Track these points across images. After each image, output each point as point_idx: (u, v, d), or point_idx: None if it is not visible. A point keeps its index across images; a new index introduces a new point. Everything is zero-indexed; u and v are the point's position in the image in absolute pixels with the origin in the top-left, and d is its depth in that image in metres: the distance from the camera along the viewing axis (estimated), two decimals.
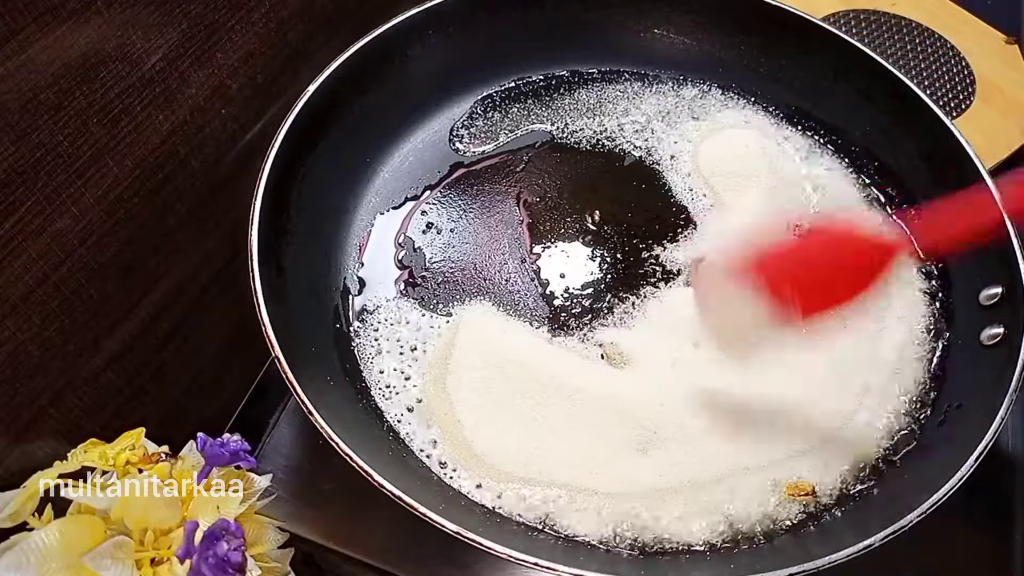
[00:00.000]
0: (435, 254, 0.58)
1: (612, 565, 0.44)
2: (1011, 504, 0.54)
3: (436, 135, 0.65)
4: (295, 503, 0.51)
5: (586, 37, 0.69)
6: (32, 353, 0.41)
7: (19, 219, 0.38)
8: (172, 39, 0.45)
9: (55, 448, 0.43)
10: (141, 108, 0.44)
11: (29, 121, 0.37)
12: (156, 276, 0.49)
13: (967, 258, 0.56)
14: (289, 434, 0.55)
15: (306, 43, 0.58)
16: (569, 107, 0.68)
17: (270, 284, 0.47)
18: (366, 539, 0.50)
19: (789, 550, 0.45)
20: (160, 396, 0.52)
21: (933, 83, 0.74)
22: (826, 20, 0.69)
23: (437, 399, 0.51)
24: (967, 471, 0.43)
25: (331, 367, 0.51)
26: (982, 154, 0.56)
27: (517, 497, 0.47)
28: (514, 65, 0.68)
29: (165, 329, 0.51)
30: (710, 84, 0.69)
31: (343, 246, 0.58)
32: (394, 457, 0.48)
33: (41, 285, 0.41)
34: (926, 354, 0.54)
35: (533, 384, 0.51)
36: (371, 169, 0.62)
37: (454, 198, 0.62)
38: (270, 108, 0.56)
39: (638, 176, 0.64)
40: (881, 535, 0.40)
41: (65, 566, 0.37)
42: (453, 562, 0.50)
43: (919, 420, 0.51)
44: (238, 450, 0.42)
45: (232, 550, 0.39)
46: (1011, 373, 0.46)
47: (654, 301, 0.56)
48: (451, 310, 0.55)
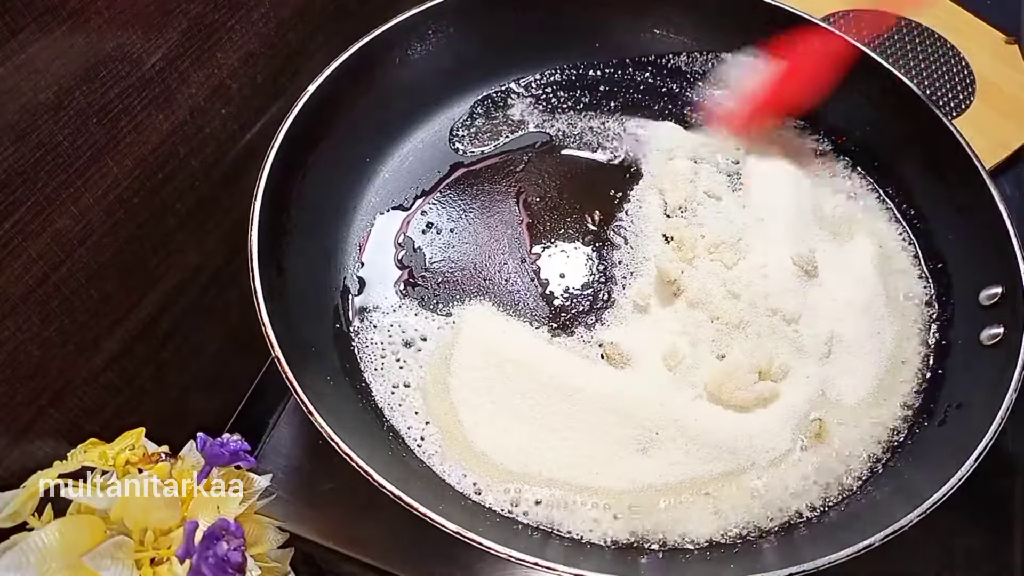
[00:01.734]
0: (435, 254, 0.58)
1: (612, 565, 0.44)
2: (1011, 504, 0.54)
3: (436, 135, 0.65)
4: (295, 503, 0.51)
5: (586, 37, 0.69)
6: (32, 353, 0.41)
7: (19, 219, 0.38)
8: (172, 39, 0.45)
9: (55, 448, 0.43)
10: (141, 108, 0.44)
11: (29, 121, 0.37)
12: (156, 276, 0.49)
13: (967, 258, 0.56)
14: (289, 434, 0.55)
15: (306, 43, 0.58)
16: (569, 107, 0.68)
17: (270, 284, 0.47)
18: (366, 539, 0.50)
19: (789, 550, 0.45)
20: (160, 396, 0.52)
21: (933, 83, 0.74)
22: (826, 20, 0.69)
23: (437, 399, 0.51)
24: (967, 471, 0.43)
25: (331, 367, 0.51)
26: (982, 154, 0.56)
27: (517, 497, 0.47)
28: (514, 65, 0.68)
29: (165, 329, 0.51)
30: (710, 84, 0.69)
31: (343, 246, 0.58)
32: (394, 457, 0.48)
33: (41, 285, 0.41)
34: (926, 354, 0.54)
35: (533, 384, 0.51)
36: (371, 169, 0.62)
37: (454, 198, 0.62)
38: (270, 108, 0.56)
39: (638, 176, 0.64)
40: (881, 535, 0.40)
41: (65, 566, 0.37)
42: (453, 562, 0.50)
43: (919, 420, 0.51)
44: (238, 450, 0.42)
45: (232, 550, 0.39)
46: (1011, 373, 0.46)
47: (654, 301, 0.56)
48: (451, 310, 0.55)
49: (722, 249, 0.58)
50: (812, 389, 0.53)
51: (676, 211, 0.61)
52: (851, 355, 0.54)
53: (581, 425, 0.50)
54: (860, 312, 0.56)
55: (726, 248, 0.58)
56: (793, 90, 0.63)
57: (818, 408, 0.52)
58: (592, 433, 0.50)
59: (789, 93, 0.63)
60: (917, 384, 0.53)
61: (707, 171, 0.63)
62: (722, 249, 0.58)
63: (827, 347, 0.54)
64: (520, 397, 0.51)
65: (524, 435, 0.50)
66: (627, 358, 0.53)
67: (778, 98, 0.64)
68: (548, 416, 0.50)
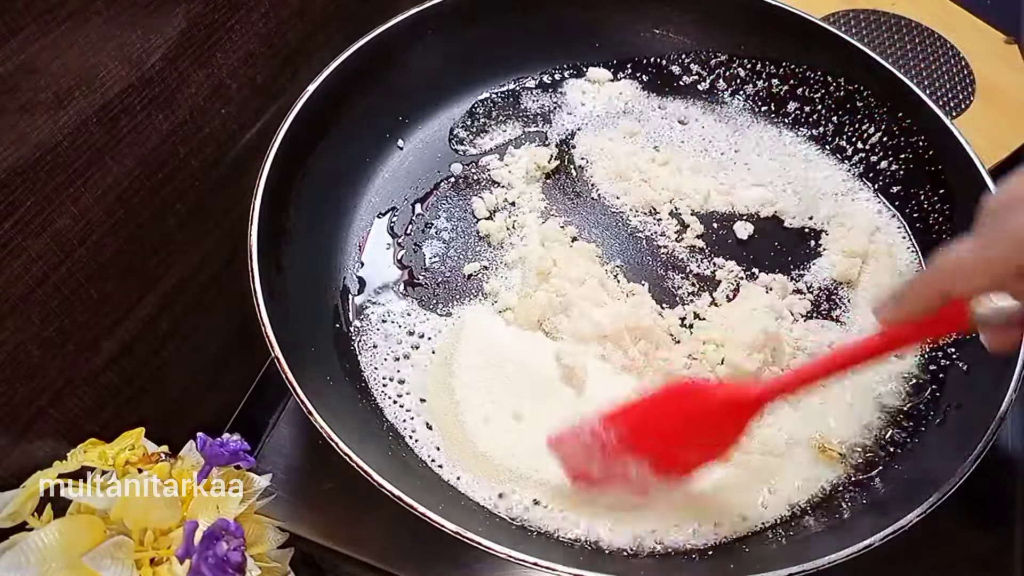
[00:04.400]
0: (435, 254, 0.58)
1: (612, 565, 0.44)
2: (1011, 504, 0.54)
3: (436, 135, 0.65)
4: (295, 503, 0.51)
5: (586, 37, 0.69)
6: (32, 353, 0.41)
7: (19, 219, 0.38)
8: (172, 39, 0.45)
9: (55, 448, 0.43)
10: (141, 108, 0.44)
11: (29, 121, 0.37)
12: (156, 276, 0.49)
13: None
14: (289, 434, 0.55)
15: (306, 43, 0.58)
16: (569, 107, 0.68)
17: (270, 284, 0.47)
18: (366, 539, 0.50)
19: (789, 550, 0.45)
20: (160, 396, 0.52)
21: (933, 83, 0.74)
22: (826, 20, 0.69)
23: (437, 399, 0.51)
24: (967, 471, 0.43)
25: (331, 367, 0.51)
26: (982, 154, 0.56)
27: (517, 497, 0.47)
28: (513, 65, 0.68)
29: (165, 329, 0.51)
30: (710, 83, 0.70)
31: (343, 246, 0.58)
32: (394, 457, 0.48)
33: (41, 285, 0.41)
34: (926, 354, 0.54)
35: (533, 384, 0.51)
36: (371, 169, 0.62)
37: (454, 198, 0.62)
38: (270, 108, 0.56)
39: None
40: (881, 535, 0.40)
41: (65, 566, 0.37)
42: (453, 562, 0.50)
43: (919, 420, 0.51)
44: (238, 450, 0.42)
45: (232, 550, 0.39)
46: (1011, 373, 0.46)
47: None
48: (451, 310, 0.55)
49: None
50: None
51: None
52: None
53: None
54: (861, 312, 0.56)
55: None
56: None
57: (817, 407, 0.52)
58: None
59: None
60: (917, 384, 0.53)
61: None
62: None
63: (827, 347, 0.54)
64: (520, 397, 0.51)
65: (524, 435, 0.50)
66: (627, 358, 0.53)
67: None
68: (548, 416, 0.50)
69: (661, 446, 0.44)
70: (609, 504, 0.47)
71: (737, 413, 0.43)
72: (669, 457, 0.44)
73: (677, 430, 0.44)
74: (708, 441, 0.44)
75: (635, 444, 0.44)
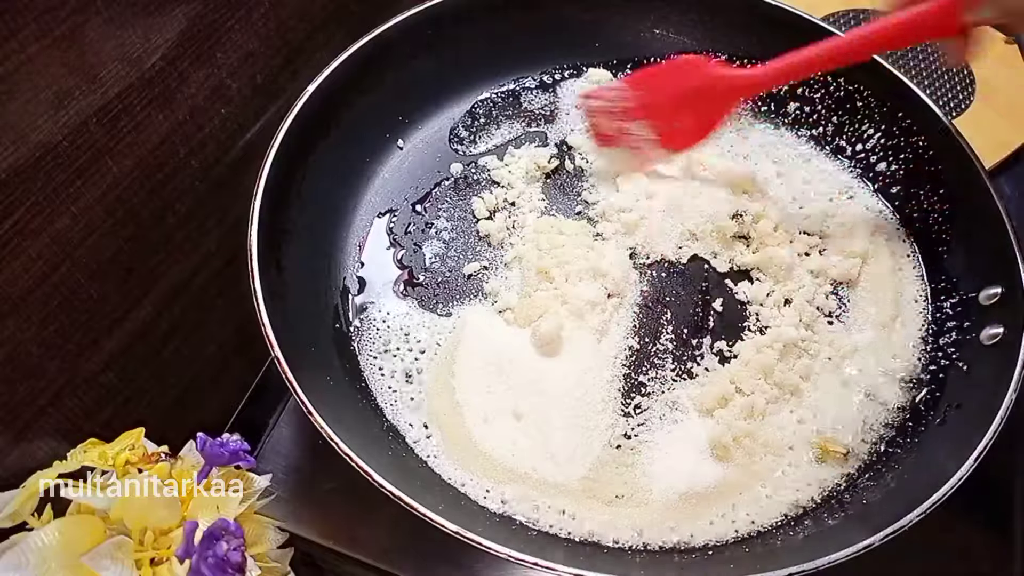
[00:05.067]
0: (435, 254, 0.58)
1: (612, 565, 0.44)
2: (1011, 504, 0.54)
3: (436, 135, 0.65)
4: (295, 503, 0.51)
5: (586, 37, 0.69)
6: (32, 353, 0.41)
7: (19, 219, 0.38)
8: (172, 39, 0.45)
9: (55, 448, 0.43)
10: (141, 108, 0.44)
11: (29, 121, 0.37)
12: (156, 276, 0.49)
13: (967, 258, 0.56)
14: (289, 434, 0.55)
15: (306, 43, 0.58)
16: (569, 107, 0.68)
17: (270, 284, 0.47)
18: (366, 539, 0.50)
19: (789, 550, 0.45)
20: (160, 396, 0.52)
21: (933, 83, 0.74)
22: (826, 20, 0.69)
23: (437, 399, 0.51)
24: (967, 471, 0.43)
25: (331, 367, 0.51)
26: (982, 154, 0.56)
27: (518, 497, 0.47)
28: (513, 65, 0.68)
29: (165, 329, 0.51)
30: None
31: (343, 246, 0.58)
32: (394, 457, 0.48)
33: (41, 285, 0.41)
34: (926, 354, 0.54)
35: (534, 385, 0.51)
36: (371, 169, 0.62)
37: (454, 198, 0.62)
38: (270, 108, 0.56)
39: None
40: (881, 535, 0.40)
41: (64, 566, 0.37)
42: (453, 562, 0.50)
43: (919, 420, 0.51)
44: (237, 450, 0.42)
45: (232, 550, 0.39)
46: (1011, 373, 0.46)
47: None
48: (451, 310, 0.55)
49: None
50: (810, 387, 0.53)
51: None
52: (851, 356, 0.54)
53: (583, 427, 0.50)
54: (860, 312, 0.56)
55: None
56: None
57: (818, 408, 0.52)
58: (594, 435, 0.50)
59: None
60: (917, 384, 0.53)
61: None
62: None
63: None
64: (520, 397, 0.51)
65: (524, 435, 0.50)
66: (627, 358, 0.53)
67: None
68: (548, 416, 0.50)
69: (666, 113, 0.56)
70: (608, 499, 0.47)
71: (730, 90, 0.54)
72: (671, 128, 0.57)
73: (680, 99, 0.56)
74: (703, 114, 0.55)
75: (647, 106, 0.57)
